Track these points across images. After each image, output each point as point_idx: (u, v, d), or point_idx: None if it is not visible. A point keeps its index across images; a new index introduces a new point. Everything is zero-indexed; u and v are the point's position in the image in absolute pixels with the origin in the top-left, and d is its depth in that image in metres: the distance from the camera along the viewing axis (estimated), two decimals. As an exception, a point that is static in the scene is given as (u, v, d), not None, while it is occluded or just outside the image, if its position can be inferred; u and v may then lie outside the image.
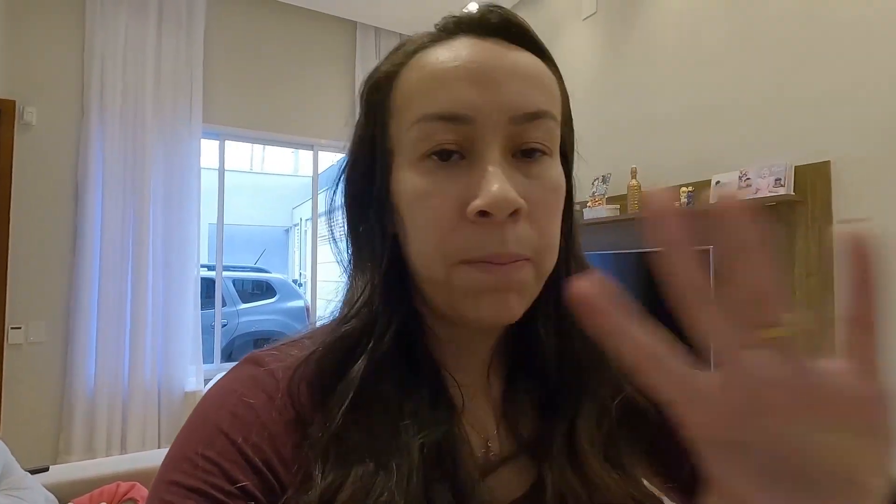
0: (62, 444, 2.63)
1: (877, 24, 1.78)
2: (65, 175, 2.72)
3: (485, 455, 0.38)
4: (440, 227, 0.33)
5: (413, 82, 0.35)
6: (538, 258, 0.34)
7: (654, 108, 2.61)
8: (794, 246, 2.00)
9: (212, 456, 0.30)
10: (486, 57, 0.33)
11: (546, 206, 0.34)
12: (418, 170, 0.34)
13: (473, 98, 0.32)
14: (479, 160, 0.32)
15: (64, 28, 2.75)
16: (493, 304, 0.33)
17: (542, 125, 0.34)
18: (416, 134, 0.33)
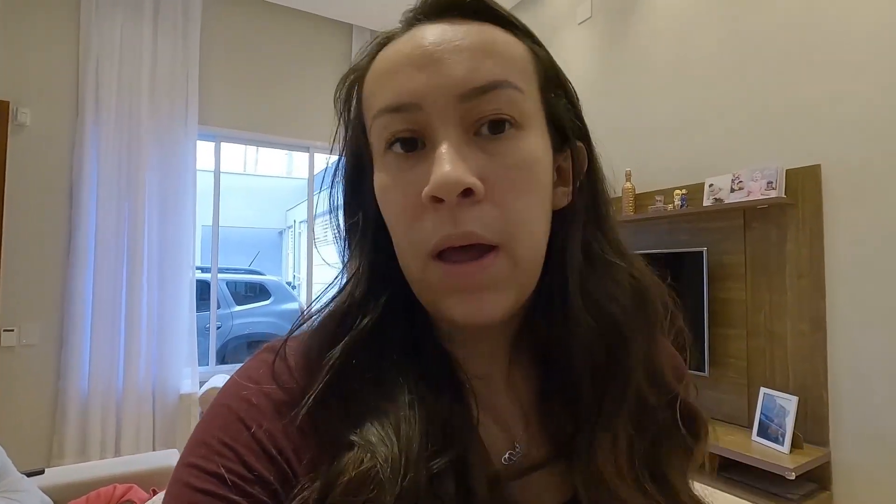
0: (55, 447, 2.61)
1: (867, 30, 1.82)
2: (59, 176, 2.70)
3: (511, 456, 0.37)
4: (403, 219, 0.33)
5: (370, 84, 0.35)
6: (508, 243, 0.31)
7: (649, 111, 2.64)
8: (785, 248, 2.03)
9: (229, 442, 0.31)
10: (431, 40, 0.32)
11: (511, 184, 0.32)
12: (383, 165, 0.34)
13: (418, 84, 0.31)
14: (434, 144, 0.32)
15: (58, 28, 2.74)
16: (465, 304, 0.31)
17: (499, 96, 0.32)
18: (376, 130, 0.34)
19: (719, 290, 2.24)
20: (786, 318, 2.02)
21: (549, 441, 0.38)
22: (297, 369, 0.35)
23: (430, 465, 0.30)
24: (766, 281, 2.09)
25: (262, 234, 9.19)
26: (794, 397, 1.89)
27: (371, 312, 0.35)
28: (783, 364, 2.03)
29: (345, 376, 0.33)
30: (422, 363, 0.35)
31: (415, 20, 0.35)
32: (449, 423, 0.33)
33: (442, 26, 0.33)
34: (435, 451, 0.31)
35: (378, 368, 0.34)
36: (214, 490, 0.29)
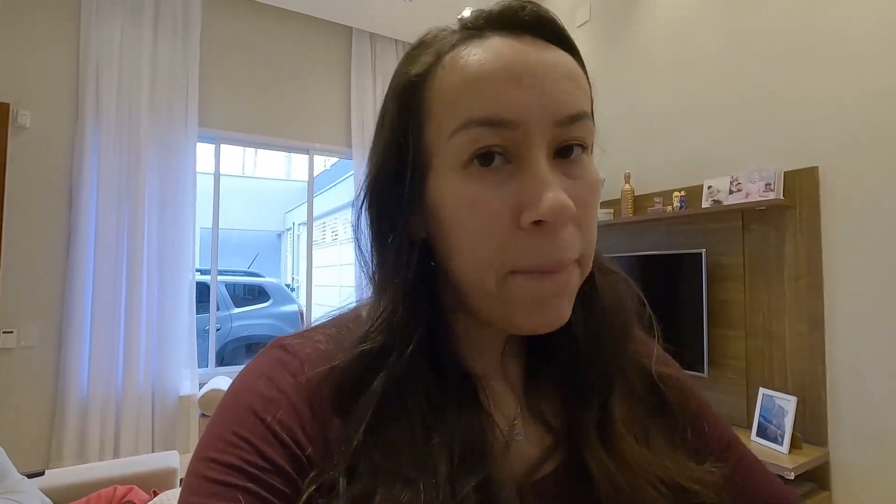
0: (54, 449, 2.60)
1: (865, 32, 1.84)
2: (59, 178, 2.71)
3: (508, 434, 0.38)
4: (493, 236, 0.32)
5: (454, 84, 0.33)
6: (583, 259, 0.34)
7: (647, 113, 2.66)
8: (784, 249, 2.04)
9: (245, 434, 0.31)
10: (527, 56, 0.32)
11: (589, 206, 0.34)
12: (464, 176, 0.32)
13: (519, 101, 0.31)
14: (527, 165, 0.32)
15: (58, 31, 2.74)
16: (549, 312, 0.33)
17: (583, 126, 0.33)
18: (462, 139, 0.32)
19: (718, 292, 2.25)
20: (784, 318, 2.03)
21: (542, 424, 0.40)
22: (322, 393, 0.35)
23: (455, 490, 0.31)
24: (764, 282, 2.10)
25: (261, 235, 9.19)
26: (792, 398, 1.90)
27: (408, 348, 0.35)
28: (782, 364, 2.04)
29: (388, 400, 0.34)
30: (442, 379, 0.36)
31: (487, 28, 0.34)
32: (471, 444, 0.34)
33: (531, 45, 0.33)
34: (460, 472, 0.32)
35: (404, 392, 0.35)
36: (233, 481, 0.29)
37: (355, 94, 3.64)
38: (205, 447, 0.32)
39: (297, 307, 5.58)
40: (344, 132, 3.65)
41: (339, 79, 3.65)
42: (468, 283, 0.35)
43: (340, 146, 3.65)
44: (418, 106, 0.35)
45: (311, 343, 0.37)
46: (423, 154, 0.35)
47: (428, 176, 0.35)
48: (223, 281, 5.38)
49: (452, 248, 0.34)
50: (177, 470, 1.86)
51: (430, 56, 0.35)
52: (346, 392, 0.34)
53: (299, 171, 9.39)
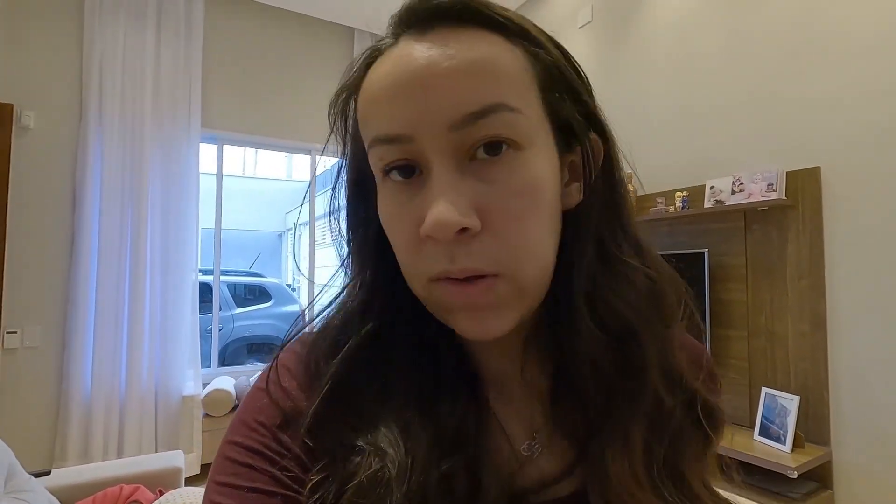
0: (58, 449, 2.61)
1: (867, 32, 1.84)
2: (62, 179, 2.71)
3: (530, 445, 0.37)
4: (406, 249, 0.33)
5: (363, 106, 0.34)
6: (509, 271, 0.31)
7: (649, 114, 2.67)
8: (786, 249, 2.05)
9: (265, 422, 0.34)
10: (419, 63, 0.30)
11: (510, 213, 0.30)
12: (384, 191, 0.34)
13: (407, 114, 0.30)
14: (429, 176, 0.31)
15: (62, 33, 2.75)
16: (469, 322, 0.32)
17: (494, 120, 0.30)
18: (373, 158, 0.33)
19: (720, 292, 2.25)
20: (787, 318, 2.04)
21: (565, 438, 0.37)
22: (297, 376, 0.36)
23: (440, 465, 0.31)
24: (766, 282, 2.11)
25: (262, 236, 9.19)
26: (795, 397, 1.91)
27: (375, 318, 0.36)
28: (784, 364, 2.04)
29: (351, 383, 0.34)
30: (436, 362, 0.36)
31: (400, 31, 0.33)
32: (461, 424, 0.33)
33: (429, 43, 0.31)
34: (442, 451, 0.32)
35: (386, 371, 0.35)
36: (253, 463, 0.32)
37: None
38: (231, 430, 0.34)
39: (298, 307, 5.59)
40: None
41: (341, 80, 3.64)
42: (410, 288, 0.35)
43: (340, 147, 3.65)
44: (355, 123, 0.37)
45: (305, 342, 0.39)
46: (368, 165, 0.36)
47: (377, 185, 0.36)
48: (225, 281, 5.38)
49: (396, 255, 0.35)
50: (181, 469, 1.87)
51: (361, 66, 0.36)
52: (316, 363, 0.36)
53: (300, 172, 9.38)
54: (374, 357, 0.35)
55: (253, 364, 4.71)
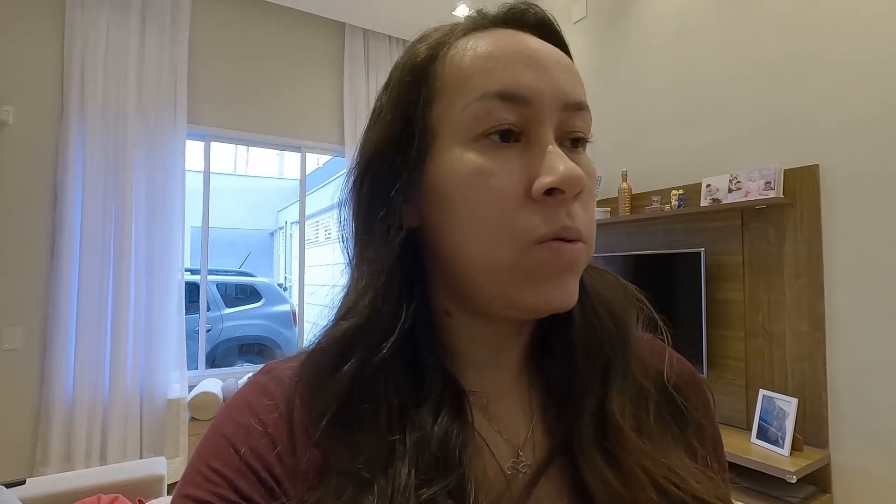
0: (38, 455, 2.53)
1: (865, 30, 1.81)
2: (43, 176, 2.63)
3: (514, 466, 0.36)
4: (505, 205, 0.32)
5: (467, 62, 0.34)
6: (588, 241, 0.34)
7: (645, 111, 2.63)
8: (784, 248, 2.02)
9: (219, 468, 0.31)
10: (535, 46, 0.34)
11: (590, 193, 0.35)
12: (474, 149, 0.33)
13: (532, 81, 0.33)
14: (537, 141, 0.33)
15: (42, 25, 2.67)
16: (561, 288, 0.32)
17: (585, 117, 0.35)
18: (475, 112, 0.33)
19: (717, 291, 2.22)
20: (784, 318, 2.01)
21: (550, 441, 0.37)
22: (293, 387, 0.35)
23: (419, 494, 0.29)
24: (764, 281, 2.08)
25: (252, 235, 9.10)
26: (793, 399, 1.88)
27: (391, 335, 0.34)
28: (782, 365, 2.01)
29: (344, 405, 0.33)
30: (419, 381, 0.35)
31: (504, 23, 0.36)
32: (444, 448, 0.32)
33: (541, 41, 0.35)
34: (427, 479, 0.30)
35: (371, 393, 0.33)
36: None
37: (348, 92, 3.59)
38: (184, 482, 0.32)
39: (289, 307, 5.51)
40: (336, 130, 3.59)
41: (332, 75, 3.59)
42: (476, 258, 0.33)
43: (333, 144, 3.60)
44: (427, 83, 0.35)
45: (299, 361, 0.36)
46: (430, 130, 0.34)
47: (429, 156, 0.34)
48: (214, 281, 5.30)
49: (457, 223, 0.33)
50: (164, 477, 1.81)
51: (437, 39, 0.36)
52: (319, 380, 0.34)
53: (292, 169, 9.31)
54: (372, 380, 0.34)
55: (243, 365, 4.65)
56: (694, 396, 0.40)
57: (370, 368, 0.33)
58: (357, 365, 0.33)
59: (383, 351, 0.33)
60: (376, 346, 0.33)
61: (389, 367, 0.34)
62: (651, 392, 0.38)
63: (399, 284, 0.35)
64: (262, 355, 5.24)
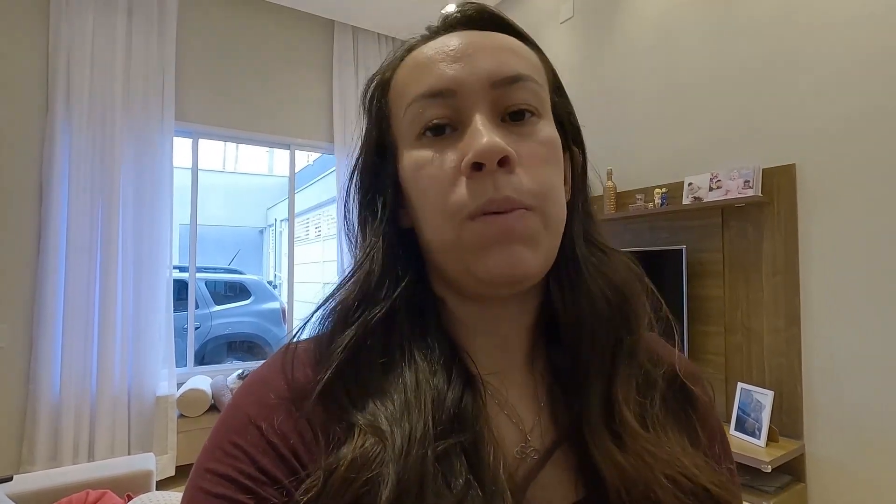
0: (25, 452, 2.53)
1: (843, 32, 1.86)
2: (28, 173, 2.61)
3: (523, 449, 0.36)
4: (441, 187, 0.35)
5: (402, 77, 0.38)
6: (540, 206, 0.34)
7: (630, 110, 2.67)
8: (762, 246, 2.07)
9: (240, 443, 0.32)
10: (464, 41, 0.37)
11: (539, 157, 0.35)
12: (418, 146, 0.36)
13: (454, 73, 0.35)
14: (468, 126, 0.35)
15: (27, 21, 2.64)
16: (502, 257, 0.33)
17: (525, 87, 0.36)
18: (410, 116, 0.36)
19: (698, 288, 2.27)
20: (762, 314, 2.07)
21: (557, 427, 0.38)
22: (307, 362, 0.36)
23: (436, 444, 0.31)
24: (743, 278, 2.13)
25: (242, 232, 9.05)
26: (769, 392, 1.93)
27: (385, 300, 0.36)
28: (759, 359, 2.07)
29: (354, 364, 0.34)
30: (432, 355, 0.36)
31: (440, 31, 0.39)
32: (459, 410, 0.33)
33: (471, 33, 0.38)
34: (442, 430, 0.32)
35: (387, 354, 0.35)
36: (228, 494, 0.30)
37: (337, 89, 3.59)
38: (205, 456, 0.33)
39: (278, 304, 5.51)
40: (326, 127, 3.60)
41: (321, 73, 3.59)
42: (432, 240, 0.36)
43: (322, 141, 3.60)
44: (385, 102, 0.40)
45: (314, 341, 0.38)
46: (393, 143, 0.39)
47: (398, 159, 0.39)
48: (202, 278, 5.27)
49: (417, 211, 0.37)
50: (152, 472, 1.82)
51: (394, 61, 0.41)
52: (325, 347, 0.36)
53: (281, 166, 9.26)
54: (377, 340, 0.35)
55: (232, 363, 4.64)
56: (698, 386, 0.42)
57: (375, 327, 0.35)
58: (360, 324, 0.35)
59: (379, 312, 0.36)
60: (375, 307, 0.36)
61: (403, 332, 0.36)
62: (658, 381, 0.39)
63: (393, 265, 0.38)
64: (251, 352, 5.24)
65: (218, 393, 2.92)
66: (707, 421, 0.41)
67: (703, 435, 0.39)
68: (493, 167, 0.33)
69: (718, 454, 0.41)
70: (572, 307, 0.39)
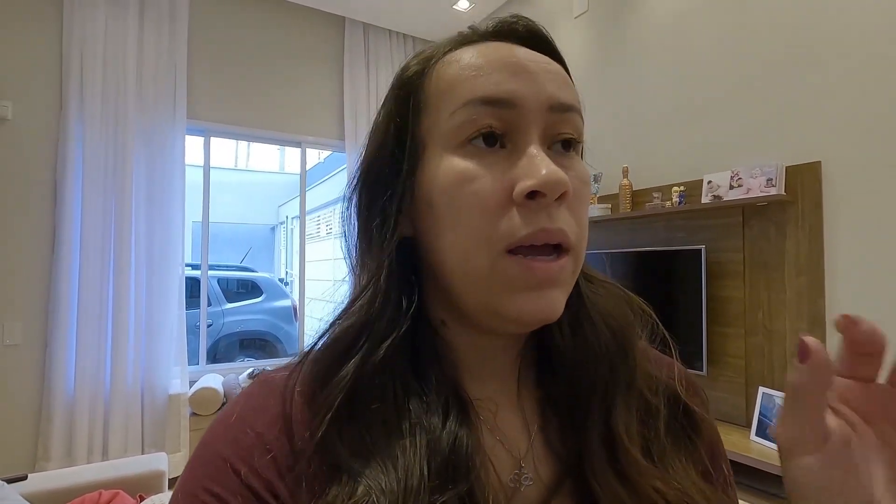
0: (40, 450, 2.55)
1: (867, 25, 1.79)
2: (42, 171, 2.63)
3: (516, 478, 0.35)
4: (487, 209, 0.32)
5: (453, 72, 0.35)
6: (576, 248, 0.34)
7: (646, 107, 2.61)
8: (785, 246, 2.01)
9: (218, 492, 0.29)
10: (521, 55, 0.35)
11: (580, 197, 0.34)
12: (459, 154, 0.33)
13: (515, 86, 0.33)
14: (522, 145, 0.33)
15: (41, 20, 2.65)
16: (537, 301, 0.32)
17: (574, 119, 0.35)
18: (461, 118, 0.33)
19: (717, 289, 2.22)
20: (784, 316, 2.01)
21: (554, 458, 0.36)
22: (295, 395, 0.34)
23: (432, 498, 0.29)
24: (764, 279, 2.07)
25: (253, 229, 9.10)
26: (793, 396, 1.87)
27: (386, 337, 0.34)
28: (782, 362, 2.01)
29: (349, 405, 0.32)
30: (426, 387, 0.34)
31: (493, 36, 0.37)
32: (454, 453, 0.31)
33: (527, 49, 0.35)
34: (438, 483, 0.30)
35: (379, 396, 0.33)
36: None
37: (348, 86, 3.57)
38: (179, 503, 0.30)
39: (290, 302, 5.52)
40: (337, 125, 3.58)
41: (332, 70, 3.58)
42: (456, 265, 0.33)
43: (333, 139, 3.59)
44: (416, 96, 0.36)
45: (289, 369, 0.36)
46: (419, 141, 0.35)
47: (420, 164, 0.35)
48: (215, 276, 5.30)
49: (441, 229, 0.34)
50: (164, 473, 1.82)
51: (428, 55, 0.37)
52: (319, 382, 0.33)
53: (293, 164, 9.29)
54: (376, 380, 0.33)
55: (244, 361, 4.66)
56: (696, 399, 0.40)
57: (372, 368, 0.33)
58: (359, 363, 0.33)
59: (381, 351, 0.33)
60: (376, 346, 0.33)
61: (396, 369, 0.34)
62: (660, 409, 0.37)
63: (397, 291, 0.35)
64: (263, 350, 5.26)
65: (230, 391, 2.93)
66: (708, 438, 0.40)
67: (705, 456, 0.38)
68: (552, 200, 0.31)
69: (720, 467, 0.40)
70: (572, 339, 0.38)
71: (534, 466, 0.36)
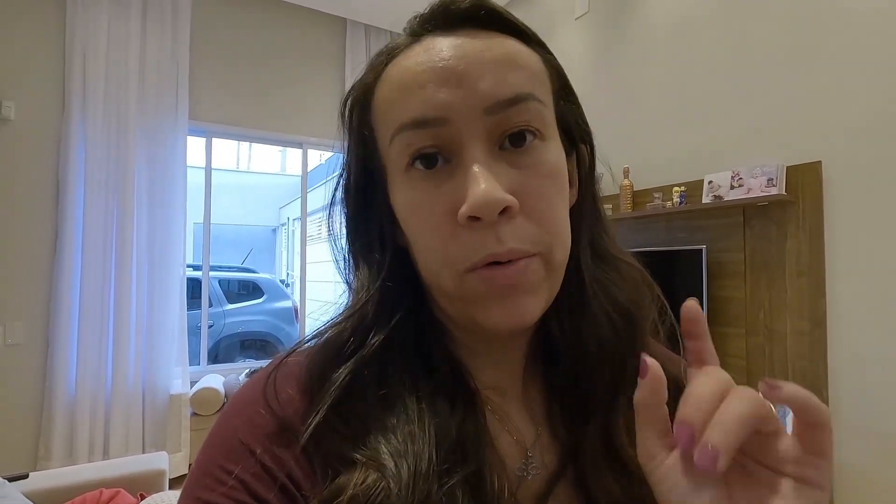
0: (41, 449, 2.55)
1: (868, 25, 1.79)
2: (45, 172, 2.64)
3: (524, 467, 0.36)
4: (437, 237, 0.32)
5: (385, 96, 0.34)
6: (545, 250, 0.32)
7: (647, 107, 2.61)
8: (785, 246, 2.01)
9: (234, 470, 0.30)
10: (453, 53, 0.32)
11: (542, 195, 0.32)
12: (406, 182, 0.33)
13: (443, 98, 0.31)
14: (463, 161, 0.31)
15: (43, 21, 2.67)
16: (505, 309, 0.31)
17: (525, 108, 0.32)
18: (397, 146, 0.33)
19: (718, 289, 2.21)
20: (785, 316, 2.00)
21: (560, 448, 0.37)
22: (300, 387, 0.34)
23: (442, 481, 0.29)
24: (765, 279, 2.07)
25: (255, 231, 9.12)
26: (794, 396, 1.87)
27: (381, 332, 0.34)
28: (783, 363, 2.01)
29: (351, 394, 0.32)
30: (433, 376, 0.35)
31: (423, 31, 0.34)
32: (462, 437, 0.32)
33: (460, 39, 0.32)
34: (447, 467, 0.30)
35: (386, 384, 0.33)
36: None
37: (349, 87, 3.57)
38: (194, 482, 0.31)
39: (291, 303, 5.52)
40: (338, 126, 3.58)
41: (333, 71, 3.59)
42: (432, 281, 0.34)
43: (335, 140, 3.58)
44: (367, 120, 0.36)
45: (304, 355, 0.36)
46: (381, 164, 0.36)
47: (388, 183, 0.35)
48: (216, 277, 5.31)
49: (414, 250, 0.35)
50: (165, 472, 1.82)
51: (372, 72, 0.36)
52: (315, 380, 0.33)
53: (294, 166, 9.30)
54: (375, 368, 0.34)
55: (245, 361, 4.66)
56: None
57: (384, 356, 0.33)
58: (371, 350, 0.33)
59: (393, 343, 0.34)
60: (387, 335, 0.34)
61: (406, 358, 0.34)
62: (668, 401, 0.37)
63: (390, 294, 0.36)
64: (264, 351, 5.26)
65: (230, 391, 2.93)
66: None
67: None
68: (493, 219, 0.30)
69: None
70: (572, 334, 0.37)
71: (541, 456, 0.36)
